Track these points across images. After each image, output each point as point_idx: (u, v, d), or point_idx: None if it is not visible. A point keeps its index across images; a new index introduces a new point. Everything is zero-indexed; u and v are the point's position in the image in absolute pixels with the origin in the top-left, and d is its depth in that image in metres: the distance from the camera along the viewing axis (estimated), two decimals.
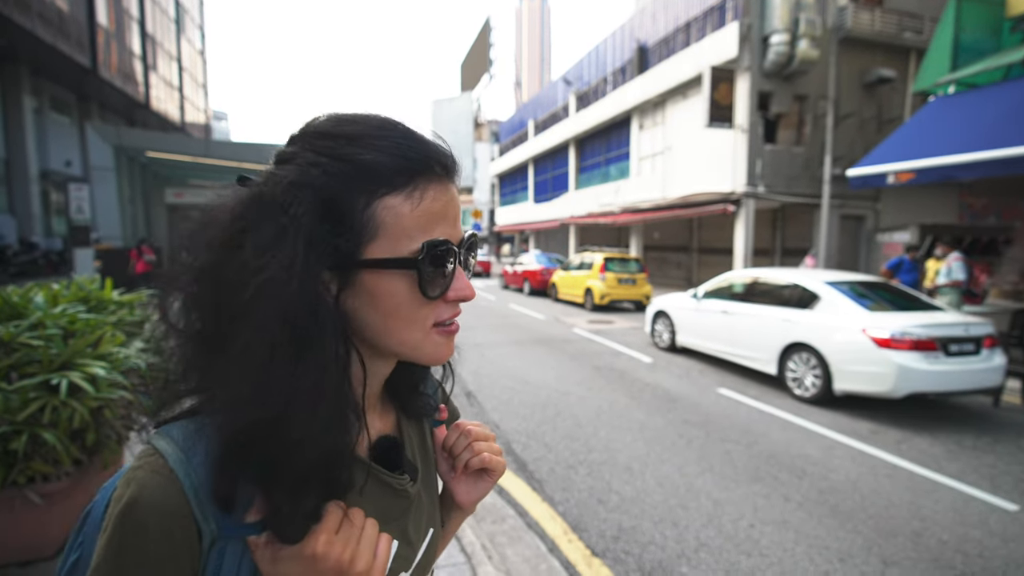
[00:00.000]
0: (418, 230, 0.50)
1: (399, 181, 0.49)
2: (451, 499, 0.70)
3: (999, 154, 6.46)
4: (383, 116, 0.53)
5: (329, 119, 0.52)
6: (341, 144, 0.50)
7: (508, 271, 18.06)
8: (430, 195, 0.51)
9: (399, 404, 0.67)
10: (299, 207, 0.47)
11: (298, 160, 0.50)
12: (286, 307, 0.45)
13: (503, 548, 2.81)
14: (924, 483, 3.79)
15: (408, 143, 0.51)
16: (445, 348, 0.56)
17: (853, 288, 5.86)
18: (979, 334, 5.17)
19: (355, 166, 0.49)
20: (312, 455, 0.46)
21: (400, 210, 0.49)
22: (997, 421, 5.24)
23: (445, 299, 0.54)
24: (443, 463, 0.71)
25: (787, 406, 5.52)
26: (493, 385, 6.05)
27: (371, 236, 0.49)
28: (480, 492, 0.70)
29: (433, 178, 0.52)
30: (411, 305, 0.51)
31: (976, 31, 8.93)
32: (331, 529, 0.49)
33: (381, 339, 0.53)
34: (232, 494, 0.47)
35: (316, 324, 0.47)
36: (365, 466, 0.56)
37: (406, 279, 0.50)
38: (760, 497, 3.50)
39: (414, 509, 0.62)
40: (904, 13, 14.78)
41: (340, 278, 0.49)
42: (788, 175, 14.35)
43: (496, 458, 0.69)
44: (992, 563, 2.82)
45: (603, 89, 21.64)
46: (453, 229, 0.53)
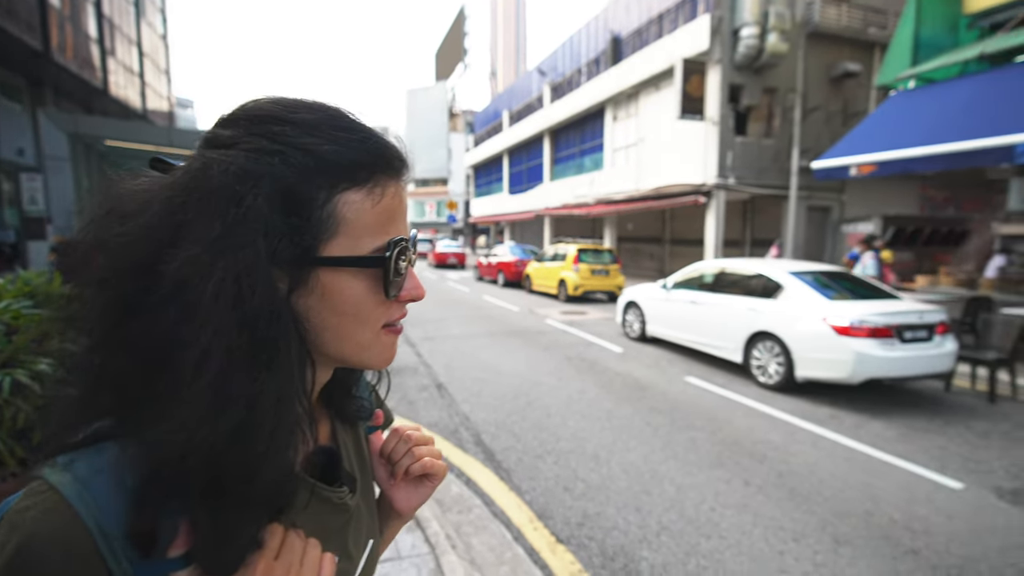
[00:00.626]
0: (378, 228, 0.48)
1: (361, 176, 0.47)
2: (389, 507, 0.68)
3: (955, 147, 6.69)
4: (334, 105, 0.50)
5: (276, 103, 0.48)
6: (299, 132, 0.46)
7: (482, 263, 18.03)
8: (390, 192, 0.49)
9: (333, 410, 0.63)
10: (254, 198, 0.42)
11: (244, 146, 0.44)
12: (247, 310, 0.40)
13: (468, 537, 2.83)
14: (878, 465, 3.93)
15: (368, 137, 0.49)
16: (391, 350, 0.54)
17: (816, 278, 6.01)
18: (932, 321, 5.38)
19: (317, 157, 0.45)
20: (268, 475, 0.42)
21: (362, 206, 0.47)
22: (948, 404, 5.47)
23: (399, 299, 0.52)
24: (381, 470, 0.68)
25: (751, 393, 5.66)
26: (464, 377, 6.05)
27: (331, 232, 0.46)
28: (420, 498, 0.68)
29: (393, 175, 0.50)
30: (368, 305, 0.49)
31: (935, 27, 9.19)
32: (270, 555, 0.45)
33: (332, 342, 0.49)
34: (154, 529, 0.40)
35: (278, 328, 0.43)
36: (308, 484, 0.52)
37: (366, 278, 0.48)
38: (722, 482, 3.59)
39: (354, 522, 0.59)
40: (869, 8, 15.12)
41: (292, 276, 0.45)
42: (758, 167, 14.61)
43: (437, 463, 0.67)
44: (937, 539, 2.96)
45: (577, 80, 21.65)
46: (405, 227, 0.52)
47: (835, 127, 14.96)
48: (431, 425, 4.54)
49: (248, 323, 0.41)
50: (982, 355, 5.68)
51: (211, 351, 0.39)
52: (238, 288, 0.40)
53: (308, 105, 0.48)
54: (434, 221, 51.45)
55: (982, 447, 4.32)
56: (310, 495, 0.51)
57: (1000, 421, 4.98)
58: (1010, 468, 3.92)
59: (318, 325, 0.48)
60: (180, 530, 0.41)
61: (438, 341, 7.81)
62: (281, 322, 0.43)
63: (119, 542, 0.40)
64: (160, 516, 0.41)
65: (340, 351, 0.50)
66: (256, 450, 0.41)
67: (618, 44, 18.94)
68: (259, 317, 0.41)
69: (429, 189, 53.35)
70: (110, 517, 0.40)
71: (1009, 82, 7.45)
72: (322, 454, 0.57)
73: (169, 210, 0.42)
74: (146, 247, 0.42)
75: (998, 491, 3.56)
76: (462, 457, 3.92)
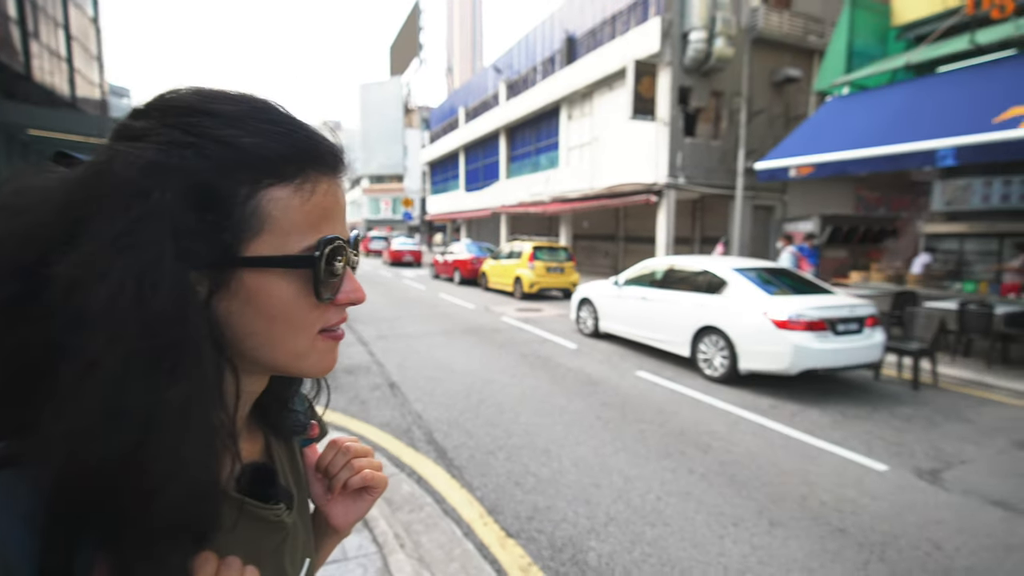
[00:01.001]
0: (308, 226, 0.45)
1: (288, 171, 0.43)
2: (325, 523, 0.64)
3: (883, 151, 7.12)
4: (262, 97, 0.47)
5: (196, 94, 0.44)
6: (218, 124, 0.42)
7: (439, 260, 17.91)
8: (322, 189, 0.46)
9: (267, 424, 0.59)
10: (164, 193, 0.38)
11: (156, 138, 0.41)
12: (148, 313, 0.36)
13: (418, 536, 2.81)
14: (812, 451, 4.15)
15: (297, 130, 0.45)
16: (330, 357, 0.50)
17: (759, 274, 6.27)
18: (862, 314, 5.71)
19: (237, 150, 0.41)
20: (178, 497, 0.38)
21: (289, 203, 0.43)
22: (876, 392, 5.83)
23: (336, 302, 0.48)
24: (317, 485, 0.64)
25: (698, 386, 5.86)
26: (418, 376, 5.99)
27: (254, 231, 0.42)
28: (358, 513, 0.64)
29: (325, 170, 0.46)
30: (300, 309, 0.45)
31: (867, 38, 9.74)
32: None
33: (262, 349, 0.45)
34: (68, 565, 0.36)
35: (186, 332, 0.38)
36: (237, 501, 0.48)
37: (296, 279, 0.44)
38: (668, 472, 3.71)
39: (291, 540, 0.56)
40: (809, 17, 15.87)
41: (212, 278, 0.41)
42: (706, 167, 15.11)
43: (377, 475, 0.63)
44: (862, 518, 3.15)
45: (533, 78, 21.76)
46: (342, 227, 0.48)
47: (778, 130, 15.63)
48: (383, 425, 4.48)
49: (149, 328, 0.37)
50: (906, 346, 6.08)
51: (102, 359, 0.35)
52: (138, 290, 0.36)
53: (231, 96, 0.45)
54: (390, 218, 50.68)
55: (905, 431, 4.62)
56: (239, 513, 0.47)
57: (922, 407, 5.35)
58: (929, 450, 4.22)
59: (243, 331, 0.44)
60: (94, 565, 0.37)
61: (392, 340, 7.71)
62: (189, 327, 0.39)
63: None
64: (70, 548, 0.36)
65: (272, 359, 0.46)
66: (161, 468, 0.37)
67: (572, 44, 19.15)
68: (162, 322, 0.37)
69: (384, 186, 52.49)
70: (12, 554, 0.35)
71: (932, 91, 7.99)
72: (256, 471, 0.53)
73: (66, 206, 0.39)
74: (35, 246, 0.38)
75: (918, 471, 3.82)
76: (414, 456, 3.89)
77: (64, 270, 0.36)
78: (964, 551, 2.85)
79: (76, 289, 0.36)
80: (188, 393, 0.38)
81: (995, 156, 6.29)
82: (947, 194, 10.28)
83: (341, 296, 0.48)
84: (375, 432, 4.30)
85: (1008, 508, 3.33)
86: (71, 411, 0.35)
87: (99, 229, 0.37)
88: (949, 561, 2.76)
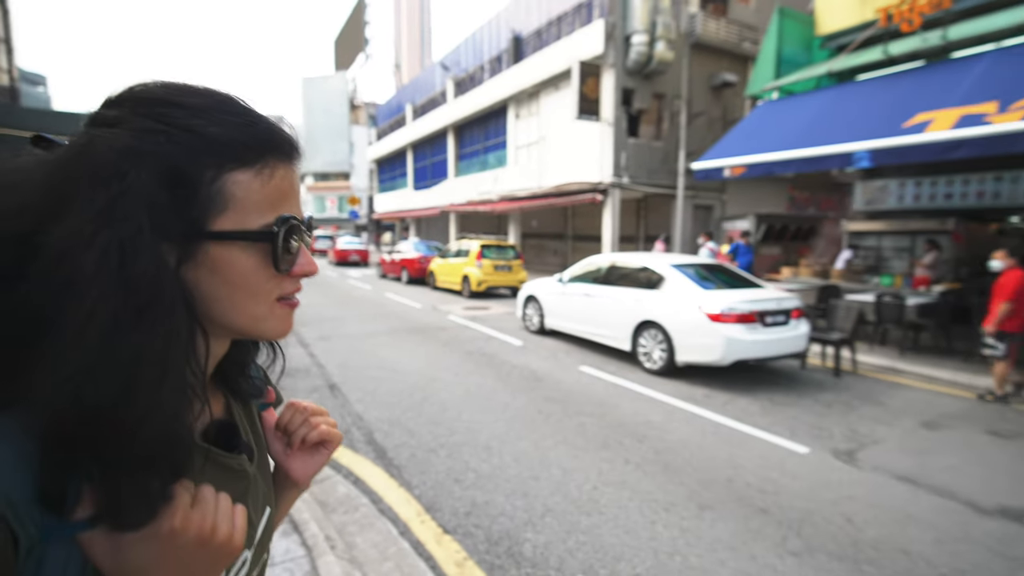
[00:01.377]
0: (267, 206, 0.51)
1: (249, 157, 0.50)
2: (285, 477, 0.71)
3: (807, 153, 7.54)
4: (225, 92, 0.53)
5: (164, 87, 0.50)
6: (186, 115, 0.48)
7: (386, 260, 17.61)
8: (279, 174, 0.52)
9: (228, 388, 0.66)
10: (138, 173, 0.44)
11: (129, 125, 0.46)
12: (127, 276, 0.42)
13: (353, 536, 2.77)
14: (741, 437, 4.36)
15: (257, 121, 0.52)
16: (287, 322, 0.57)
17: (696, 271, 6.52)
18: (788, 307, 6.04)
19: (203, 138, 0.48)
20: (157, 433, 0.44)
21: (250, 185, 0.50)
22: (802, 380, 6.18)
23: (291, 274, 0.55)
24: (276, 443, 0.71)
25: (638, 379, 6.04)
26: (360, 376, 5.88)
27: (219, 209, 0.48)
28: (316, 466, 0.72)
29: (282, 158, 0.53)
30: (259, 278, 0.52)
31: (794, 46, 10.28)
32: (185, 504, 0.47)
33: (226, 313, 0.52)
34: (63, 490, 0.42)
35: (161, 292, 0.44)
36: (204, 450, 0.55)
37: (256, 252, 0.51)
38: (605, 462, 3.80)
39: (252, 488, 0.62)
40: (743, 25, 16.61)
41: (181, 250, 0.47)
42: (649, 167, 15.55)
43: (333, 431, 0.71)
44: (783, 498, 3.34)
45: (480, 76, 21.73)
46: (297, 209, 0.55)
47: (716, 132, 16.26)
48: None
49: (131, 290, 0.42)
50: (828, 336, 6.48)
51: (95, 314, 0.41)
52: (121, 257, 0.42)
53: (197, 90, 0.51)
54: (336, 217, 49.33)
55: (826, 415, 4.93)
56: (205, 460, 0.54)
57: (842, 392, 5.72)
58: (846, 432, 4.52)
59: (209, 296, 0.50)
60: (85, 492, 0.43)
61: (334, 340, 7.52)
62: (165, 289, 0.45)
63: (24, 507, 0.41)
64: (64, 478, 0.42)
65: (234, 322, 0.53)
66: (143, 407, 0.43)
67: (519, 43, 19.26)
68: (142, 284, 0.43)
69: (330, 183, 51.05)
70: (13, 483, 0.41)
71: (851, 97, 8.53)
72: (220, 426, 0.60)
73: (50, 184, 0.44)
74: (26, 219, 0.43)
75: (835, 452, 4.09)
76: (352, 457, 3.81)
77: (56, 240, 0.42)
78: (872, 523, 3.07)
79: (67, 256, 0.41)
80: (166, 347, 0.45)
81: (905, 158, 6.78)
82: (867, 194, 11.01)
83: (296, 268, 0.56)
84: None
85: (912, 482, 3.61)
86: (70, 358, 0.41)
87: (84, 204, 0.43)
88: (858, 533, 2.96)
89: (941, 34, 7.59)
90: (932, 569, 2.66)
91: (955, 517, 3.17)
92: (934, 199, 9.91)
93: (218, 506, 0.49)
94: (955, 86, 6.84)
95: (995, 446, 4.33)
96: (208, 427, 0.58)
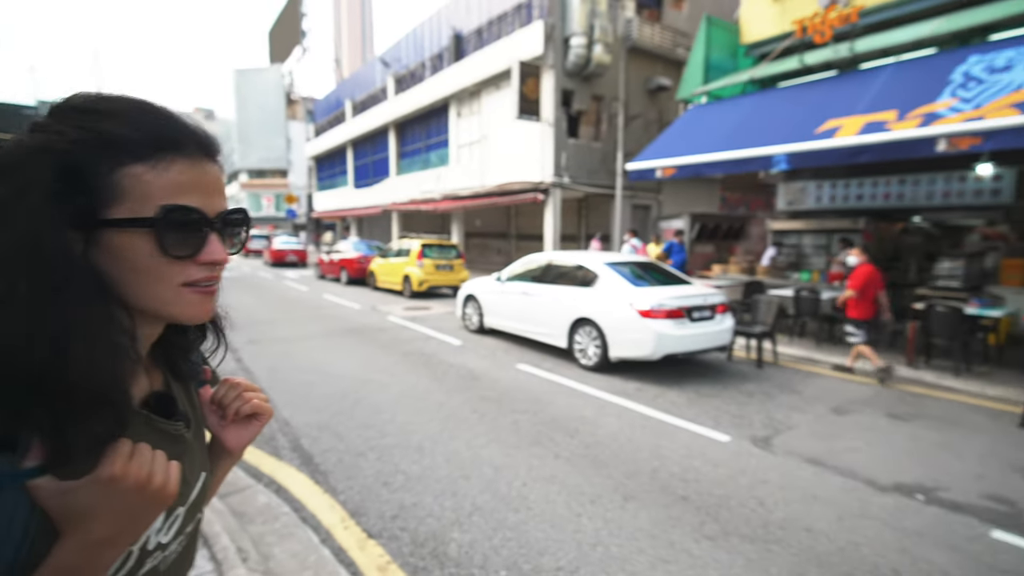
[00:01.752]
0: (163, 197, 0.55)
1: (144, 152, 0.55)
2: (220, 447, 0.79)
3: (731, 155, 7.91)
4: (142, 99, 0.60)
5: (88, 97, 0.58)
6: (94, 119, 0.55)
7: (324, 260, 17.09)
8: (177, 168, 0.57)
9: (169, 368, 0.73)
10: (35, 169, 0.52)
11: (48, 130, 0.54)
12: (40, 257, 0.50)
13: (270, 547, 2.66)
14: (668, 428, 4.52)
15: (161, 121, 0.58)
16: (199, 306, 0.61)
17: (631, 269, 6.70)
18: (714, 302, 6.32)
19: (102, 136, 0.54)
20: (96, 386, 0.51)
21: (144, 178, 0.55)
22: (728, 372, 6.48)
23: (197, 261, 0.59)
24: (212, 416, 0.78)
25: (574, 375, 6.14)
26: (289, 380, 5.67)
27: (114, 199, 0.54)
28: (249, 436, 0.80)
29: (184, 153, 0.58)
30: (157, 263, 0.56)
31: (721, 53, 10.76)
32: (125, 454, 0.53)
33: (136, 296, 0.57)
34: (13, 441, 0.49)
35: (71, 272, 0.52)
36: (143, 415, 0.62)
37: (149, 238, 0.55)
38: (536, 458, 3.84)
39: (189, 453, 0.69)
40: (677, 31, 17.22)
41: (85, 236, 0.54)
42: (589, 168, 15.85)
43: (264, 405, 0.79)
44: (703, 485, 3.49)
45: (421, 74, 21.45)
46: (207, 201, 0.59)
47: (652, 134, 16.75)
48: None
49: (43, 268, 0.50)
50: (751, 329, 6.83)
51: (16, 284, 0.49)
52: (31, 240, 0.50)
53: (111, 97, 0.59)
54: (273, 216, 47.36)
55: (747, 405, 5.19)
56: (144, 425, 0.62)
57: (763, 382, 6.04)
58: (765, 420, 4.77)
59: (119, 280, 0.56)
60: (34, 442, 0.50)
61: (264, 344, 7.22)
62: (73, 268, 0.52)
63: None
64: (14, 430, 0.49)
65: (144, 304, 0.58)
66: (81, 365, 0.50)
67: (460, 41, 19.15)
68: (52, 264, 0.51)
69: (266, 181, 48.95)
70: None
71: (772, 103, 9.02)
72: (158, 397, 0.67)
73: None
74: None
75: (753, 439, 4.31)
76: (275, 465, 3.67)
77: None
78: (781, 505, 3.26)
79: None
80: (83, 309, 0.52)
81: (818, 162, 7.24)
82: (789, 195, 11.70)
83: (203, 256, 0.59)
84: None
85: (819, 464, 3.86)
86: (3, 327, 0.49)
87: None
88: (768, 514, 3.14)
89: (849, 46, 8.15)
90: (831, 544, 2.85)
91: (855, 495, 3.42)
92: (847, 200, 10.66)
93: (155, 459, 0.56)
94: (861, 95, 7.37)
95: (893, 428, 4.70)
96: (148, 397, 0.65)
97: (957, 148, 5.80)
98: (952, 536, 2.96)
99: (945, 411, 5.15)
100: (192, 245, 0.58)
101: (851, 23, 8.12)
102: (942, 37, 7.41)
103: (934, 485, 3.57)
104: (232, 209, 0.64)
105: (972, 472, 3.78)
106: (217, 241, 0.61)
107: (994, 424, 4.80)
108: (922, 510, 3.24)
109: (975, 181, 8.88)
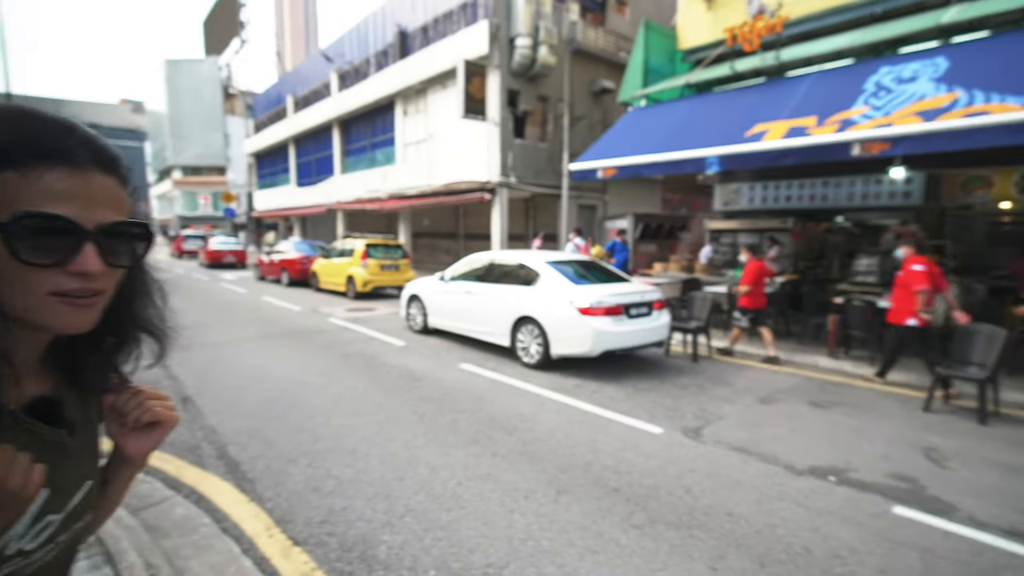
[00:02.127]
0: (29, 204, 0.55)
1: (17, 159, 0.55)
2: (121, 454, 0.78)
3: (667, 157, 8.18)
4: (28, 107, 0.59)
5: None
6: None
7: (264, 261, 16.46)
8: (52, 177, 0.56)
9: (67, 374, 0.71)
10: None
11: None
12: None
13: (186, 560, 2.54)
14: (604, 422, 4.62)
15: (41, 130, 0.57)
16: (69, 317, 0.60)
17: (573, 268, 6.79)
18: (651, 299, 6.51)
19: None
20: None
21: (14, 184, 0.54)
22: (665, 366, 6.69)
23: (67, 271, 0.57)
24: (112, 423, 0.76)
25: (516, 373, 6.18)
26: (219, 386, 5.43)
27: None
28: (151, 444, 0.78)
29: (61, 163, 0.57)
30: (16, 270, 0.55)
31: (659, 57, 11.10)
32: None
33: (5, 303, 0.56)
34: None
35: None
36: (20, 420, 0.61)
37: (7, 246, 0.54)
38: (473, 457, 3.84)
39: (69, 461, 0.68)
40: (619, 35, 17.64)
41: None
42: (535, 168, 15.99)
43: (167, 412, 0.77)
44: (634, 476, 3.58)
45: (366, 70, 20.99)
46: (86, 211, 0.58)
47: (597, 135, 17.02)
48: (166, 444, 3.96)
49: None
50: (687, 324, 7.07)
51: None
52: None
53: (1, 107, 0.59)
54: (210, 215, 45.17)
55: (681, 397, 5.37)
56: (16, 428, 0.60)
57: (698, 375, 6.27)
58: (696, 412, 4.96)
59: None
60: None
61: (194, 350, 6.87)
62: None
63: None
64: None
65: (12, 310, 0.57)
66: None
67: (405, 38, 18.88)
68: None
69: (203, 178, 46.63)
70: None
71: (706, 107, 9.38)
72: (42, 401, 0.66)
73: None
74: None
75: (684, 430, 4.47)
76: (198, 475, 3.50)
77: None
78: (707, 492, 3.39)
79: None
80: None
81: (748, 164, 7.59)
82: (724, 196, 12.20)
83: (73, 266, 0.58)
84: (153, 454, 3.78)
85: (744, 452, 4.05)
86: None
87: None
88: (694, 502, 3.26)
89: (776, 55, 8.59)
90: (750, 527, 2.99)
91: (774, 479, 3.60)
92: (777, 200, 11.23)
93: (14, 459, 0.54)
94: (786, 101, 7.78)
95: (814, 415, 4.99)
96: (32, 401, 0.65)
97: (870, 152, 6.22)
98: (858, 513, 3.17)
99: (860, 398, 5.50)
100: (56, 254, 0.57)
101: (776, 33, 8.55)
102: (858, 48, 7.92)
103: (845, 467, 3.81)
104: (121, 221, 0.62)
105: (879, 453, 4.06)
106: (92, 252, 0.59)
107: (902, 409, 5.18)
108: (833, 491, 3.46)
109: (889, 184, 9.56)
